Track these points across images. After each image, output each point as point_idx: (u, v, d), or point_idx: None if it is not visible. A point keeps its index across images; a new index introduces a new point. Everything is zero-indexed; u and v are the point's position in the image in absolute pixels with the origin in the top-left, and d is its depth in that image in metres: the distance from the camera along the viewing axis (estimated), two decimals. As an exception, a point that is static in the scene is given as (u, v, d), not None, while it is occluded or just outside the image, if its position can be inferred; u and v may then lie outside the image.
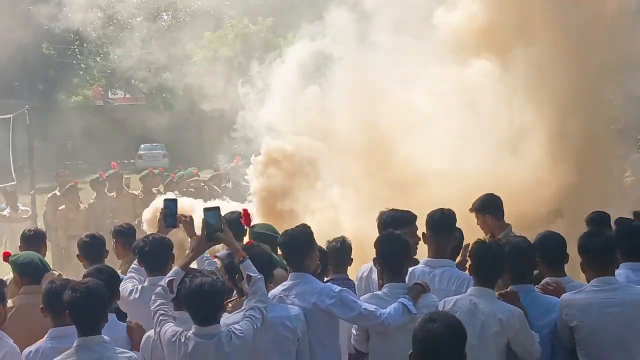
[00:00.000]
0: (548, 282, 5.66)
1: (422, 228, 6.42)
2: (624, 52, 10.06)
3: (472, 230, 6.93)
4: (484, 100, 9.89)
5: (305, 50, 11.90)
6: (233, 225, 5.97)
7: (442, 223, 6.17)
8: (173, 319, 4.97)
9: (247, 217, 6.74)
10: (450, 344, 3.76)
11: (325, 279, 6.49)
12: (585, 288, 5.35)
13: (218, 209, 5.40)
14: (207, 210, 5.37)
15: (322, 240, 6.63)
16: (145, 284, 5.87)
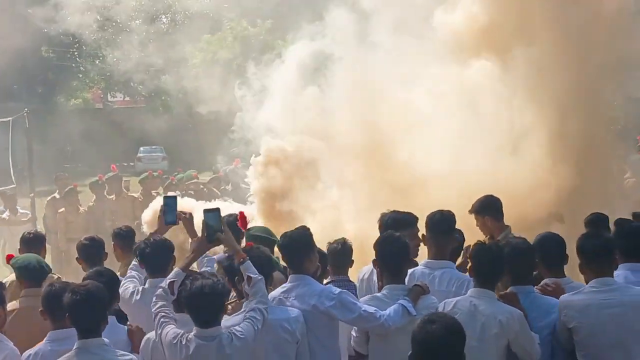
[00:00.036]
0: (547, 282, 5.66)
1: (422, 230, 6.43)
2: (624, 52, 10.07)
3: (472, 232, 6.94)
4: (484, 101, 9.90)
5: (305, 50, 11.90)
6: (229, 228, 5.98)
7: (441, 225, 6.18)
8: (174, 321, 4.97)
9: (243, 219, 6.74)
10: (449, 345, 3.78)
11: (326, 281, 6.50)
12: (584, 289, 5.36)
13: (218, 211, 5.40)
14: (207, 212, 5.37)
15: (323, 242, 6.64)
16: (146, 286, 5.88)
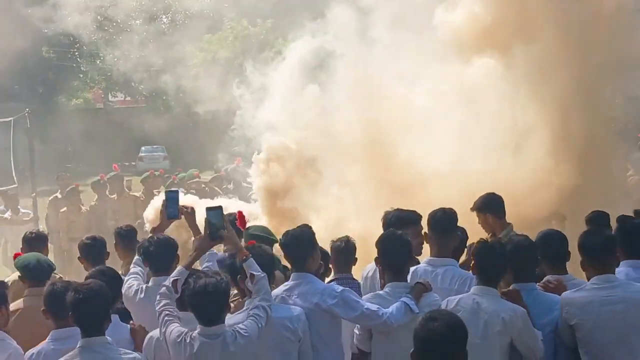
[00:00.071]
0: (549, 279, 5.66)
1: (424, 228, 6.42)
2: (624, 51, 10.05)
3: (474, 230, 6.93)
4: (486, 99, 9.87)
5: (306, 48, 11.88)
6: (228, 227, 5.97)
7: (443, 222, 6.16)
8: (178, 319, 4.97)
9: (242, 219, 6.75)
10: (451, 343, 3.77)
11: (330, 279, 6.50)
12: (586, 286, 5.35)
13: (220, 208, 5.40)
14: (209, 210, 5.36)
15: (327, 240, 6.66)
16: (150, 284, 5.86)
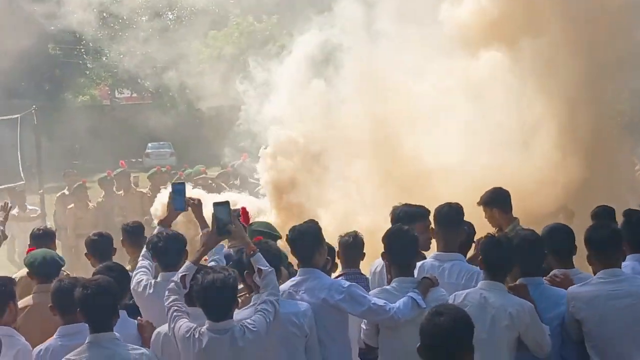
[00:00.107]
0: (556, 273, 5.66)
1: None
2: (632, 44, 10.01)
3: (480, 225, 6.93)
4: (493, 93, 9.84)
5: (313, 42, 11.87)
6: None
7: (450, 217, 6.17)
8: (187, 315, 4.97)
9: (245, 215, 6.76)
10: (457, 337, 3.76)
11: (338, 274, 6.51)
12: (592, 280, 5.35)
13: (227, 204, 5.41)
14: (216, 205, 5.36)
15: (335, 234, 6.70)
16: (159, 280, 5.86)
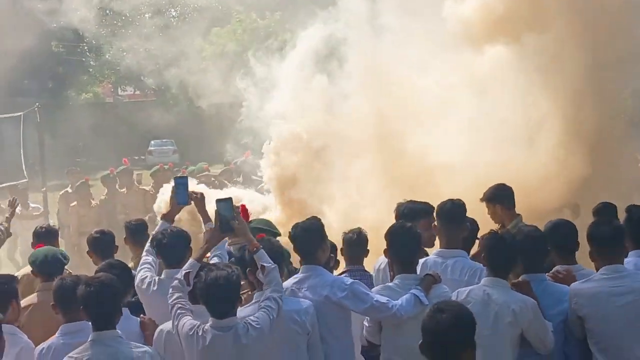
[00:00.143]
0: (559, 269, 5.66)
1: (434, 220, 6.42)
2: (633, 44, 9.97)
3: (484, 222, 6.91)
4: (498, 90, 9.81)
5: (317, 36, 11.85)
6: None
7: (452, 213, 6.15)
8: (190, 312, 4.97)
9: (245, 212, 6.76)
10: (459, 334, 3.76)
11: (341, 270, 6.50)
12: (594, 277, 5.35)
13: (230, 200, 5.41)
14: (219, 202, 5.37)
15: (340, 230, 6.72)
16: (163, 277, 5.84)
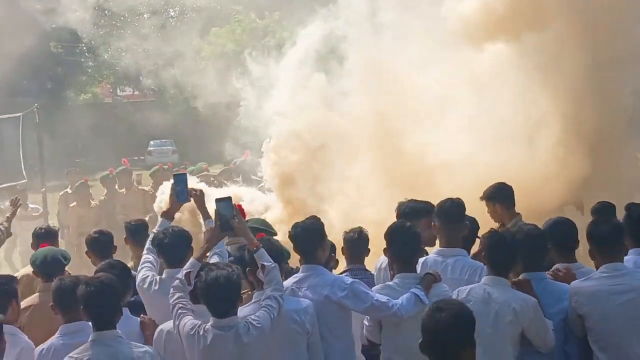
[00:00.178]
0: (559, 268, 5.66)
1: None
2: (633, 43, 9.97)
3: (484, 221, 6.91)
4: (498, 88, 9.80)
5: (317, 33, 11.85)
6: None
7: (452, 212, 6.14)
8: (192, 312, 4.97)
9: (241, 212, 6.76)
10: (458, 333, 3.74)
11: (343, 270, 6.49)
12: (594, 275, 5.35)
13: (230, 199, 5.41)
14: (218, 201, 5.37)
15: (341, 229, 6.72)
16: (164, 276, 5.84)
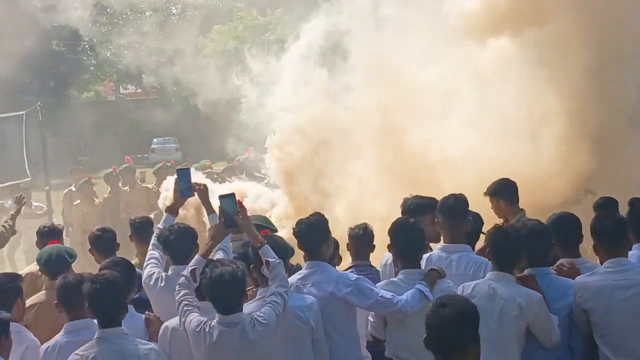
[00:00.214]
0: (563, 263, 5.66)
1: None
2: (633, 41, 9.94)
3: (487, 217, 6.91)
4: (501, 84, 9.79)
5: (320, 28, 11.84)
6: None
7: (455, 208, 6.13)
8: (197, 309, 4.96)
9: (242, 208, 6.75)
10: (462, 328, 3.73)
11: (348, 266, 6.49)
12: (599, 270, 5.35)
13: (233, 196, 5.41)
14: (222, 197, 5.37)
15: (347, 224, 6.73)
16: (170, 273, 5.83)
